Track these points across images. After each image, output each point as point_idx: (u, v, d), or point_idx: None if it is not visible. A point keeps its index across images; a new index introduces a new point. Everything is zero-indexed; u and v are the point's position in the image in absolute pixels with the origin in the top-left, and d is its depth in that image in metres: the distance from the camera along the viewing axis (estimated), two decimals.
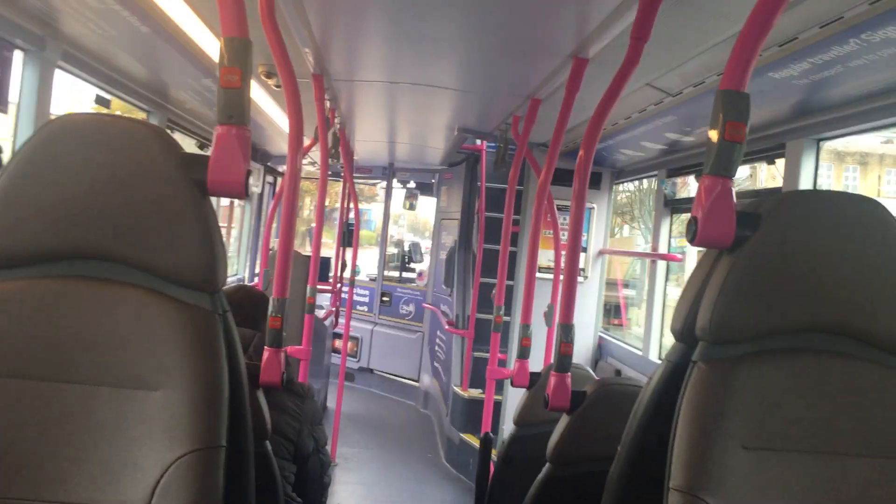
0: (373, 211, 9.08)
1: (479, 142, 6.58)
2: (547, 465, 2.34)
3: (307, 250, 8.37)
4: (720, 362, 1.31)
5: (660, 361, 4.37)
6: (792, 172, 3.11)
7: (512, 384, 3.31)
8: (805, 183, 3.07)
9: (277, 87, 3.89)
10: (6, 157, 1.84)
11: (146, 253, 1.30)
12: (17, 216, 1.28)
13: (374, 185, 10.85)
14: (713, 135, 1.33)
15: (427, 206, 10.31)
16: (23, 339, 1.25)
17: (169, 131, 4.66)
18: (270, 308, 2.31)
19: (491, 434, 3.34)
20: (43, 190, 1.29)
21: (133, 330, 1.26)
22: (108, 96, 3.82)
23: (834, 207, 1.34)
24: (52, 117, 2.90)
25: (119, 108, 4.08)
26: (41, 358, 1.25)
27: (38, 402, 1.24)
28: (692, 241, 1.35)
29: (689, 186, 4.81)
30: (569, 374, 2.36)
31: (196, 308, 1.31)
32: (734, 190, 1.36)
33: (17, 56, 2.88)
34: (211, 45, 3.27)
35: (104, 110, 3.87)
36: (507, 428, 5.43)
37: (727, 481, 1.23)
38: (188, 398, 1.24)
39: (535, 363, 3.66)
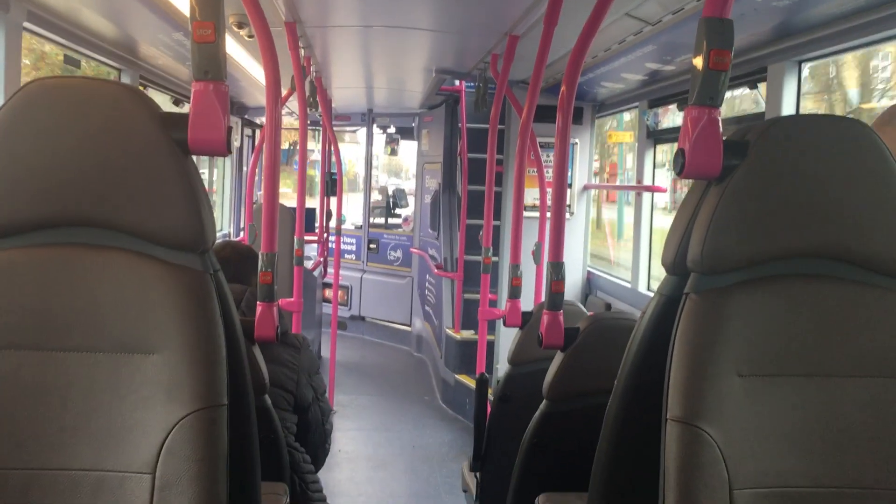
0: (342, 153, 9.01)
1: (457, 83, 6.51)
2: (544, 401, 2.37)
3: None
4: (712, 292, 1.31)
5: (649, 293, 4.42)
6: (774, 96, 3.10)
7: (504, 324, 3.33)
8: (788, 106, 3.06)
9: (250, 37, 3.82)
10: None
11: (132, 216, 1.29)
12: None
13: (353, 131, 10.75)
14: (697, 64, 1.32)
15: (408, 149, 10.24)
16: (16, 310, 1.24)
17: (142, 88, 4.60)
18: (260, 263, 2.30)
19: (486, 374, 3.38)
20: (21, 158, 1.26)
21: (125, 295, 1.25)
22: (77, 56, 3.74)
23: (822, 131, 1.33)
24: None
25: (89, 69, 4.00)
26: (36, 328, 1.24)
27: (36, 371, 1.24)
28: (680, 174, 1.34)
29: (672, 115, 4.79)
30: (561, 311, 2.37)
31: (187, 269, 1.30)
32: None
33: None
34: None
35: (76, 71, 3.79)
36: (502, 367, 5.50)
37: (724, 409, 1.24)
38: (186, 359, 1.24)
39: (526, 302, 3.68)
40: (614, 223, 6.73)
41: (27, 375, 1.24)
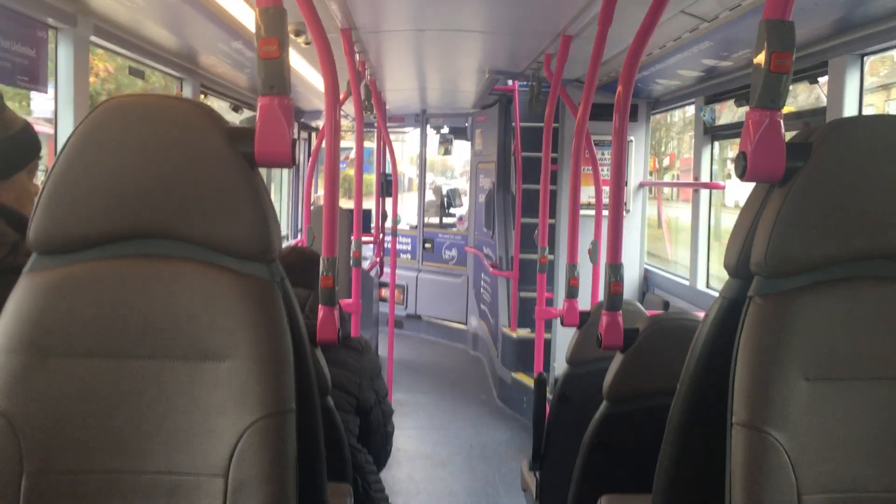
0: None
1: (510, 82, 6.50)
2: (604, 402, 2.36)
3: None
4: (777, 296, 1.31)
5: (707, 290, 4.35)
6: (836, 90, 3.03)
7: (562, 324, 3.33)
8: (850, 100, 3.00)
9: (306, 44, 3.88)
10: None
11: (202, 228, 1.33)
12: (74, 200, 1.32)
13: (406, 132, 10.81)
14: (758, 66, 1.31)
15: (461, 149, 10.27)
16: (92, 321, 1.30)
17: (203, 96, 4.71)
18: (321, 267, 2.35)
19: (544, 374, 3.38)
20: (98, 173, 1.32)
21: (197, 304, 1.30)
22: (141, 67, 3.86)
23: (886, 131, 1.31)
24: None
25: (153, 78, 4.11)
26: (111, 337, 1.30)
27: (111, 379, 1.29)
28: (742, 177, 1.33)
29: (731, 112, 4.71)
30: (620, 312, 2.37)
31: (255, 278, 1.34)
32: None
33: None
34: (238, 8, 3.26)
35: (139, 81, 3.91)
36: (559, 366, 5.49)
37: (790, 414, 1.24)
38: (256, 366, 1.28)
39: (583, 300, 3.67)
40: (670, 220, 6.67)
41: (105, 382, 1.29)
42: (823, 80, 3.23)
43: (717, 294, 1.51)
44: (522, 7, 3.44)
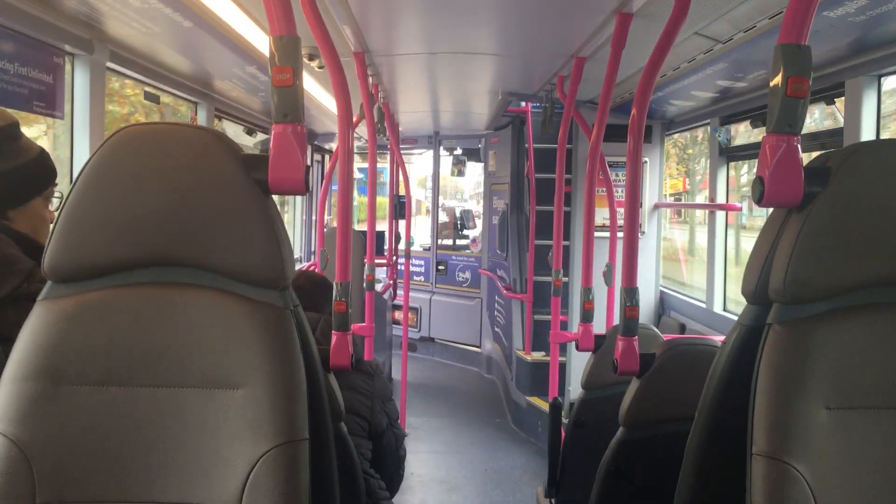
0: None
1: (523, 104, 6.51)
2: (620, 428, 2.34)
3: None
4: (796, 323, 1.28)
5: (724, 314, 4.31)
6: (853, 111, 3.01)
7: (577, 348, 3.31)
8: (868, 121, 2.97)
9: (320, 68, 3.90)
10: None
11: (217, 255, 1.33)
12: (90, 228, 1.32)
13: (419, 154, 10.85)
14: (775, 91, 1.30)
15: (472, 172, 10.28)
16: (106, 348, 1.29)
17: (217, 120, 4.74)
18: (335, 292, 2.34)
19: (559, 399, 3.35)
20: (114, 201, 1.32)
21: (210, 331, 1.29)
22: (156, 92, 3.88)
23: None
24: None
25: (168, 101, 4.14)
26: (125, 365, 1.29)
27: (126, 407, 1.28)
28: (759, 202, 1.32)
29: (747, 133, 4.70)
30: (636, 337, 2.34)
31: (268, 305, 1.33)
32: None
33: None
34: (252, 34, 3.29)
35: (154, 106, 3.93)
36: (573, 390, 5.44)
37: (812, 444, 1.21)
38: (269, 394, 1.27)
39: (598, 322, 3.64)
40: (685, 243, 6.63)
41: (119, 410, 1.28)
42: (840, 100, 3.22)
43: (733, 317, 1.48)
44: (535, 29, 3.45)
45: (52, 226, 1.35)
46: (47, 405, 1.27)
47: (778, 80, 1.29)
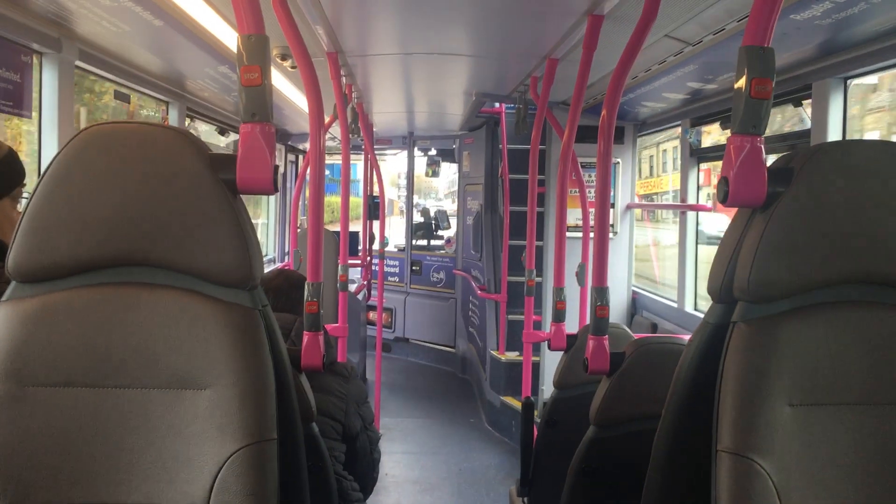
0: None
1: (497, 104, 6.53)
2: (591, 426, 2.35)
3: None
4: (760, 321, 1.30)
5: (696, 313, 4.34)
6: (820, 113, 3.06)
7: (549, 348, 3.32)
8: (834, 123, 3.02)
9: (293, 68, 3.89)
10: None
11: (184, 255, 1.32)
12: (55, 228, 1.31)
13: (394, 154, 10.83)
14: (739, 92, 1.32)
15: (447, 171, 10.28)
16: (72, 349, 1.28)
17: (189, 119, 4.71)
18: (306, 292, 2.33)
19: (531, 398, 3.36)
20: (79, 200, 1.30)
21: (178, 332, 1.29)
22: (126, 91, 3.85)
23: (867, 156, 1.32)
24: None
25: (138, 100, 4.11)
26: (91, 366, 1.28)
27: (91, 408, 1.27)
28: (724, 202, 1.33)
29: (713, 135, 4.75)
30: (606, 336, 2.36)
31: (236, 306, 1.33)
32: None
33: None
34: (224, 33, 3.27)
35: (124, 105, 3.90)
36: (547, 389, 5.47)
37: (776, 440, 1.23)
38: (237, 395, 1.27)
39: (571, 322, 3.67)
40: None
41: (83, 412, 1.27)
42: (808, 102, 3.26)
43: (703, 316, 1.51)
44: (508, 31, 3.46)
45: (16, 225, 1.33)
46: (12, 407, 1.26)
47: (742, 81, 1.31)
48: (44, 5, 2.65)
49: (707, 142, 4.74)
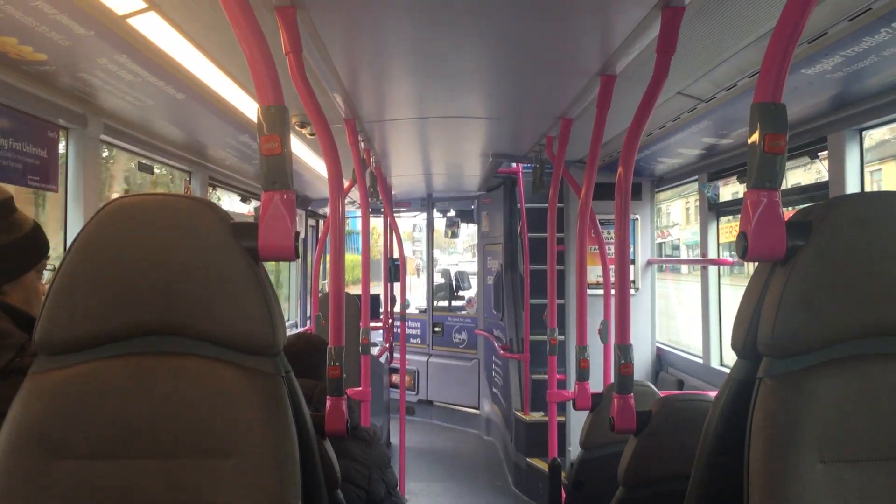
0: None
1: (514, 164, 6.58)
2: (620, 487, 2.31)
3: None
4: (787, 376, 1.28)
5: (721, 368, 4.27)
6: (837, 165, 3.06)
7: (574, 407, 3.28)
8: (851, 174, 3.02)
9: (311, 135, 3.96)
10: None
11: (208, 323, 1.33)
12: (81, 300, 1.32)
13: (413, 216, 10.89)
14: (753, 147, 1.32)
15: (467, 232, 10.32)
16: (98, 421, 1.28)
17: (211, 188, 4.79)
18: (329, 357, 2.33)
19: (558, 459, 3.31)
20: (105, 272, 1.32)
21: (203, 401, 1.29)
22: (149, 163, 3.93)
23: (883, 208, 1.31)
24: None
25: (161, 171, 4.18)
26: (117, 437, 1.28)
27: (117, 480, 1.27)
28: (743, 257, 1.33)
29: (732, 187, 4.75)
30: (632, 394, 2.33)
31: (260, 373, 1.33)
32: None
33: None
34: (244, 103, 3.34)
35: (148, 176, 3.98)
36: (574, 449, 5.38)
37: (808, 498, 1.20)
38: (261, 463, 1.26)
39: (595, 380, 3.63)
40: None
41: (110, 484, 1.27)
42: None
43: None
44: (522, 93, 3.51)
45: (43, 298, 1.35)
46: (39, 480, 1.26)
47: (755, 137, 1.32)
48: (70, 83, 2.73)
49: (727, 194, 4.74)
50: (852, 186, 3.01)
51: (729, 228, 4.79)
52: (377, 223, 9.30)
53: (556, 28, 2.50)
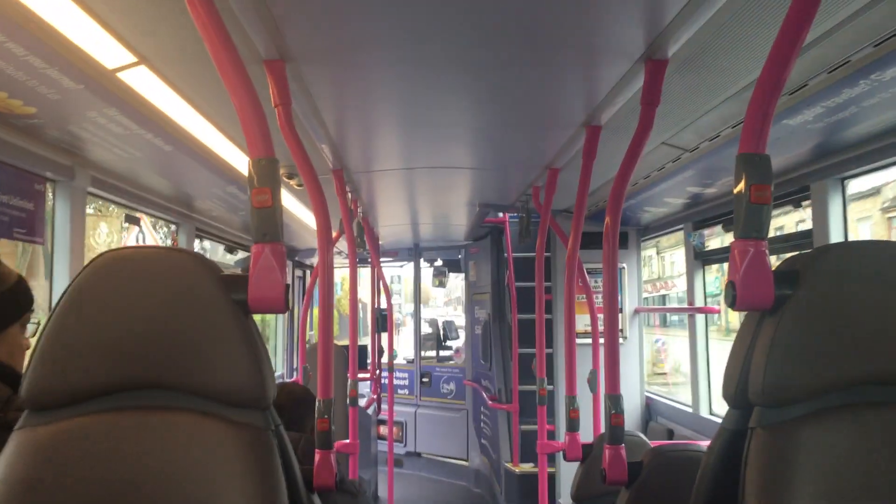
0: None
1: (501, 214, 6.62)
2: None
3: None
4: (779, 426, 1.28)
5: (711, 417, 4.26)
6: (820, 213, 3.09)
7: (565, 458, 3.25)
8: (835, 223, 3.05)
9: (299, 186, 3.97)
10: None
11: (197, 377, 1.32)
12: (69, 354, 1.30)
13: (401, 266, 10.90)
14: (739, 197, 1.34)
15: (454, 281, 10.32)
16: (84, 478, 1.26)
17: (198, 240, 4.78)
18: (318, 409, 2.31)
19: None
20: (93, 326, 1.31)
21: (192, 455, 1.27)
22: (136, 215, 3.93)
23: (871, 256, 1.33)
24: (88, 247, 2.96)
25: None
26: (103, 493, 1.25)
27: None
28: (732, 307, 1.34)
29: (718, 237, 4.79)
30: (622, 445, 2.31)
31: (250, 426, 1.31)
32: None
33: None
34: (232, 155, 3.36)
35: (135, 229, 3.97)
36: (564, 501, 5.31)
37: None
38: None
39: (585, 430, 3.60)
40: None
41: None
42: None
43: (720, 420, 1.48)
44: (508, 143, 3.55)
45: (28, 353, 1.33)
46: None
47: (741, 187, 1.34)
48: (58, 135, 2.74)
49: (714, 243, 4.78)
50: (836, 235, 3.04)
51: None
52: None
53: (541, 80, 2.54)
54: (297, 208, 5.11)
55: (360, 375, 6.39)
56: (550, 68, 2.40)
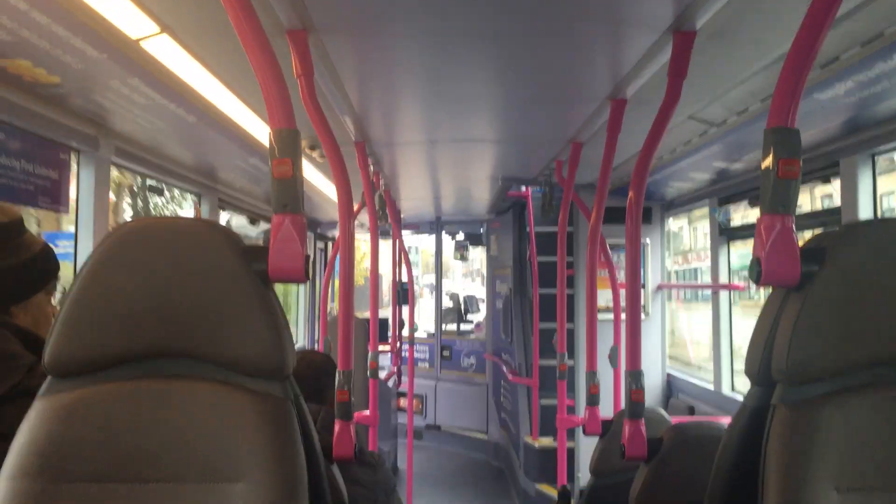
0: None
1: (523, 188, 6.59)
2: None
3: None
4: (802, 403, 1.26)
5: (733, 394, 4.24)
6: (849, 189, 3.04)
7: (584, 433, 3.25)
8: (864, 199, 3.00)
9: (321, 157, 3.97)
10: None
11: (218, 347, 1.32)
12: (91, 322, 1.31)
13: (417, 236, 10.89)
14: (767, 172, 1.31)
15: (473, 253, 10.31)
16: (106, 444, 1.27)
17: (220, 210, 4.79)
18: (337, 380, 2.31)
19: (567, 487, 3.27)
20: (115, 295, 1.32)
21: (211, 424, 1.27)
22: (159, 185, 3.95)
23: None
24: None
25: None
26: (123, 460, 1.27)
27: (124, 503, 1.25)
28: (757, 283, 1.32)
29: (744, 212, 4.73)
30: (642, 420, 2.30)
31: (269, 397, 1.32)
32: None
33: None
34: (254, 126, 3.35)
35: (157, 198, 3.99)
36: (583, 476, 5.33)
37: None
38: (269, 488, 1.24)
39: (605, 406, 3.59)
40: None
41: None
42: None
43: (741, 398, 1.47)
44: (532, 117, 3.51)
45: (53, 320, 1.34)
46: (46, 503, 1.24)
47: (769, 162, 1.31)
48: (82, 105, 2.74)
49: (737, 219, 4.73)
50: (865, 212, 2.99)
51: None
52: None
53: (566, 52, 2.50)
54: (319, 180, 5.11)
55: (381, 348, 6.42)
56: (575, 40, 2.37)
